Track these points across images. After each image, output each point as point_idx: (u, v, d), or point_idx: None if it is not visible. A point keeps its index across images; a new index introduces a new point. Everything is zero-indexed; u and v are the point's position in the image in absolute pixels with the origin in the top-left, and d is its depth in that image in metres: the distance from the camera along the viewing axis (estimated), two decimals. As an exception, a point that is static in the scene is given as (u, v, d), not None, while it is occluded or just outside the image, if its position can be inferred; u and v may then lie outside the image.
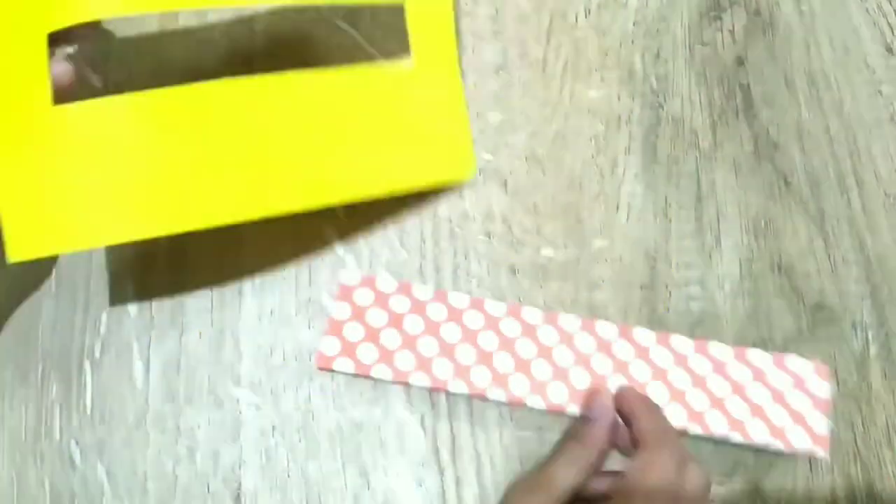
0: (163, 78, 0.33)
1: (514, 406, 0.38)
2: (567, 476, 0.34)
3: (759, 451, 0.37)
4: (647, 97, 0.43)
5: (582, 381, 0.38)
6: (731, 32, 0.45)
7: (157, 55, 0.43)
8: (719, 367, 0.38)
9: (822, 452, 0.37)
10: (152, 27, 0.44)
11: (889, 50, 0.45)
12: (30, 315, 0.39)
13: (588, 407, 0.37)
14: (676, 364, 0.38)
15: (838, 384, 0.39)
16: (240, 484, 0.37)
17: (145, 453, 0.37)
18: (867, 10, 0.45)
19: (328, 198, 0.36)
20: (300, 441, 0.37)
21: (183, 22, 0.44)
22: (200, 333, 0.39)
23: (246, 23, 0.44)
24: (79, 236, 0.32)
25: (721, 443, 0.37)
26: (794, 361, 0.38)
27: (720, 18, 0.45)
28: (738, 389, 0.38)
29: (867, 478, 0.37)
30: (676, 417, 0.37)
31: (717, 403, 0.37)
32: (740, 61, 0.44)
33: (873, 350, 0.39)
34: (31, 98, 0.31)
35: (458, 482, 0.37)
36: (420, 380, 0.37)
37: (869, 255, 0.41)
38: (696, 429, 0.37)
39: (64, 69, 0.33)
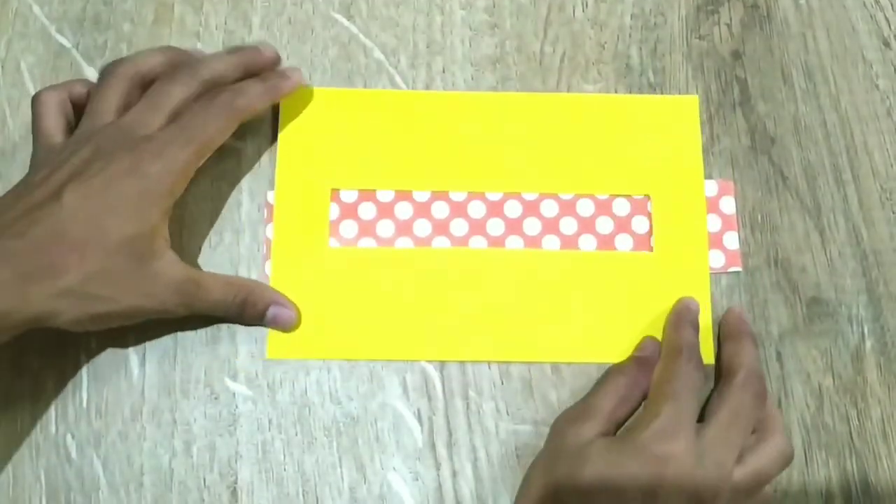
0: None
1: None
2: (610, 405, 0.36)
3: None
4: (645, 91, 0.43)
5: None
6: (728, 26, 0.45)
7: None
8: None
9: (737, 267, 0.40)
10: (149, 19, 0.44)
11: (886, 44, 0.45)
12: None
13: (641, 347, 0.38)
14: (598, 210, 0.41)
15: (834, 378, 0.39)
16: (236, 477, 0.37)
17: (141, 446, 0.37)
18: (864, 4, 0.45)
19: (542, 356, 0.39)
20: (296, 435, 0.37)
21: (179, 17, 0.44)
22: (196, 327, 0.39)
23: (242, 17, 0.44)
24: (317, 350, 0.39)
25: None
26: (707, 185, 0.41)
27: (717, 12, 0.45)
28: None
29: (862, 472, 0.38)
30: None
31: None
32: (737, 55, 0.44)
33: (869, 344, 0.39)
34: (316, 237, 0.40)
35: (454, 476, 0.37)
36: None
37: (865, 250, 0.41)
38: None
39: None
